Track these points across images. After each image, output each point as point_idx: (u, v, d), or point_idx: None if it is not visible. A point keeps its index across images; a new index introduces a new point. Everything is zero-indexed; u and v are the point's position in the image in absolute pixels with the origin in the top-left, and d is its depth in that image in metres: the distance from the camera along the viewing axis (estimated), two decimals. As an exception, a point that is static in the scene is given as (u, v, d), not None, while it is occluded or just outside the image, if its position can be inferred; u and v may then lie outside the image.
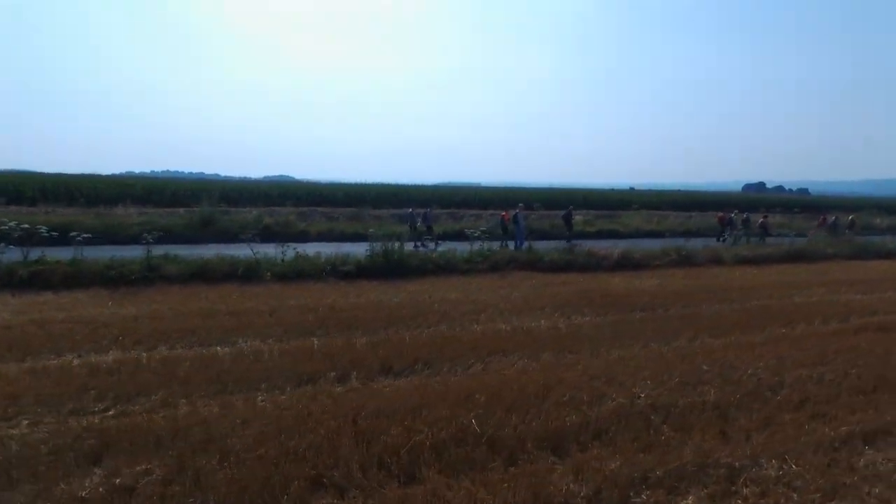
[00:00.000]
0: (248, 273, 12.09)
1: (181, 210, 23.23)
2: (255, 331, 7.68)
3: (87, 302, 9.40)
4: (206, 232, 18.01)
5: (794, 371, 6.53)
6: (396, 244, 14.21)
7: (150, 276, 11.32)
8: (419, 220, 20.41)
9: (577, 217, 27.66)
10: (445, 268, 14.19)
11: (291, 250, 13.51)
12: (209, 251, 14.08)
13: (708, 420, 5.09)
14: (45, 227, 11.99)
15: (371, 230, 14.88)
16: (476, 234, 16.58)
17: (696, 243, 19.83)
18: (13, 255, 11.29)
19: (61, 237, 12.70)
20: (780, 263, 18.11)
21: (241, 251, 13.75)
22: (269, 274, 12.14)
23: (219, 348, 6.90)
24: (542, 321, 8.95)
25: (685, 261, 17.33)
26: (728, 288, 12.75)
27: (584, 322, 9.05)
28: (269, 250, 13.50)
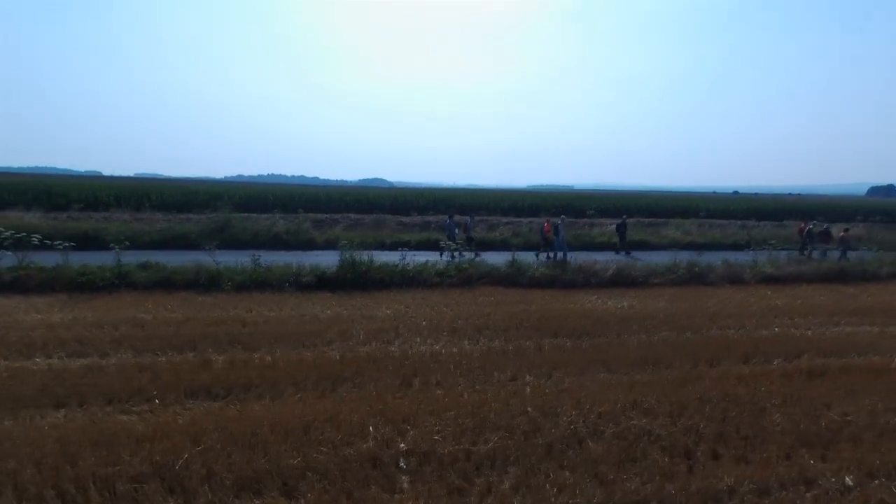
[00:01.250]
0: (210, 282, 12.66)
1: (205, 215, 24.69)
2: (131, 343, 8.02)
3: (37, 307, 10.28)
4: (221, 238, 19.03)
5: (630, 421, 5.82)
6: (367, 256, 14.27)
7: (116, 283, 12.20)
8: (457, 229, 20.12)
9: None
10: (416, 280, 14.07)
11: (255, 260, 13.88)
12: (204, 258, 14.67)
13: (448, 477, 4.67)
14: (37, 236, 13.22)
15: (343, 242, 14.95)
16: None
17: (743, 257, 18.24)
18: (9, 261, 12.64)
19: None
20: (813, 284, 16.16)
21: (241, 258, 14.27)
22: (229, 283, 12.65)
23: (71, 360, 7.28)
24: (439, 345, 8.63)
25: (695, 278, 15.96)
26: (701, 313, 11.56)
27: (481, 348, 8.59)
28: (276, 258, 14.01)
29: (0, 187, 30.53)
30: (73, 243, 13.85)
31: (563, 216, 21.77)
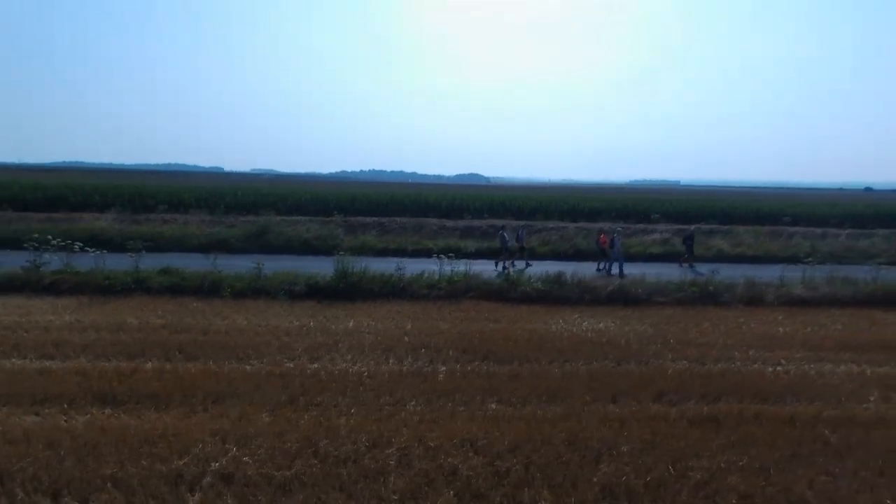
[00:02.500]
0: (211, 289, 13.97)
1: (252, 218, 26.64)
2: (98, 348, 9.23)
3: (56, 308, 12.01)
4: (259, 243, 20.66)
5: (448, 458, 5.92)
6: (362, 265, 14.98)
7: (133, 287, 13.84)
8: (510, 238, 20.40)
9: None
10: (406, 291, 14.55)
11: (258, 267, 14.97)
12: (245, 263, 16.02)
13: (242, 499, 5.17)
14: (79, 243, 15.22)
15: (340, 252, 15.77)
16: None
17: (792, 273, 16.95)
18: (56, 264, 14.71)
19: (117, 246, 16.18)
20: (848, 308, 14.65)
21: (282, 263, 15.59)
22: (228, 291, 13.89)
23: (27, 362, 8.56)
24: (359, 364, 9.07)
25: (707, 298, 15.07)
26: (667, 340, 11.04)
27: (399, 369, 8.93)
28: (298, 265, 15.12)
29: (100, 190, 34.88)
30: (104, 249, 15.66)
31: (619, 227, 21.46)
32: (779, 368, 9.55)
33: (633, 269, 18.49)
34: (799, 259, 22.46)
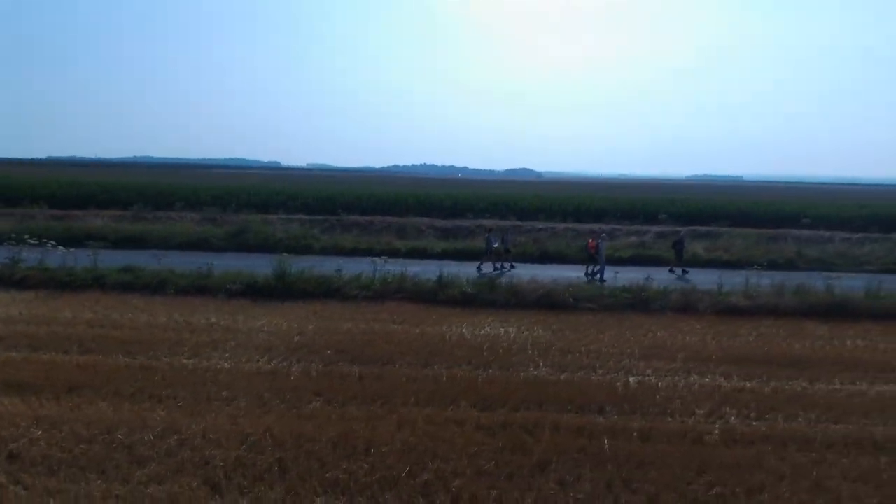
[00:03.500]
0: (159, 286, 15.20)
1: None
2: (9, 340, 10.51)
3: (15, 301, 13.51)
4: (237, 242, 21.93)
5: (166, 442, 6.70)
6: (300, 267, 15.87)
7: (90, 284, 15.25)
8: (496, 241, 20.82)
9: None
10: (338, 292, 15.33)
11: (208, 266, 16.10)
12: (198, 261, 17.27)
13: None
14: (53, 241, 16.82)
15: (311, 251, 16.70)
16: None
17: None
18: (34, 260, 16.35)
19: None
20: (784, 318, 14.33)
21: (250, 262, 16.86)
22: (173, 289, 15.09)
23: None
24: (211, 361, 9.86)
25: (640, 305, 15.08)
26: (550, 347, 11.32)
27: (246, 368, 9.68)
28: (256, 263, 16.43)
29: (126, 188, 37.45)
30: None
31: (604, 233, 21.65)
32: (632, 379, 9.71)
33: (629, 274, 18.01)
34: (778, 265, 21.93)
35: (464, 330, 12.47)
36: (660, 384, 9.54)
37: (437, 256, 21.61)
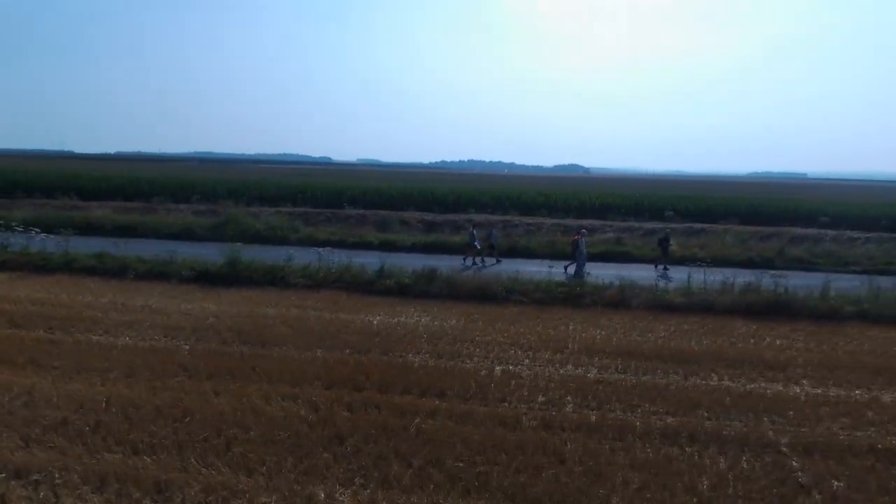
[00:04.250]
0: (120, 270, 16.38)
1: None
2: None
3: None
4: (219, 233, 23.07)
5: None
6: (250, 255, 16.75)
7: (62, 267, 16.59)
8: (478, 237, 21.16)
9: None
10: (283, 280, 16.08)
11: (171, 254, 17.19)
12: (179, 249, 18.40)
13: None
14: (36, 228, 18.34)
15: (287, 242, 17.58)
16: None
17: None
18: (19, 245, 17.91)
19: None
20: (720, 315, 14.10)
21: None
22: (133, 273, 16.24)
23: None
24: (135, 340, 10.78)
25: (572, 299, 15.16)
26: (441, 336, 11.67)
27: (146, 345, 10.53)
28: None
29: (151, 182, 39.68)
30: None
31: (583, 231, 21.80)
32: (499, 368, 9.95)
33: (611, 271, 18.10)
34: (755, 263, 21.33)
35: (378, 318, 12.95)
36: (523, 373, 9.76)
37: (408, 249, 22.11)
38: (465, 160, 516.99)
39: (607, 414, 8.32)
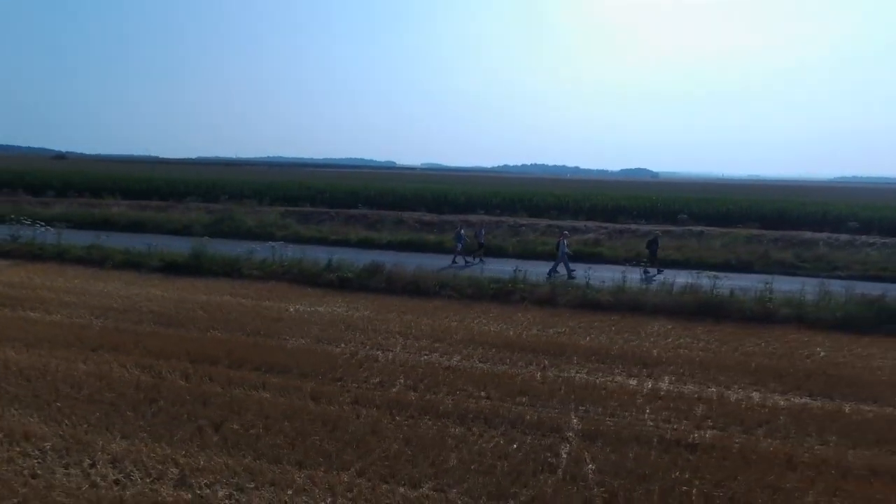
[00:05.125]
0: (100, 260, 18.15)
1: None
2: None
3: (-17, 267, 17.09)
4: (214, 230, 24.76)
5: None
6: (220, 247, 18.11)
7: (53, 256, 18.58)
8: (464, 236, 21.50)
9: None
10: (238, 272, 17.30)
11: (150, 246, 18.86)
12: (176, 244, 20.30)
13: None
14: (41, 222, 20.54)
15: (273, 238, 18.97)
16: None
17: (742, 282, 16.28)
18: (27, 237, 20.16)
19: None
20: (628, 314, 14.03)
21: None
22: (110, 263, 17.97)
23: None
24: (55, 317, 12.22)
25: (500, 296, 15.46)
26: (331, 325, 12.40)
27: (61, 321, 11.88)
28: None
29: (185, 183, 42.64)
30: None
31: (565, 232, 21.97)
32: (363, 352, 10.58)
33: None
34: (731, 265, 20.71)
35: (297, 307, 13.86)
36: (381, 358, 10.33)
37: (383, 247, 22.94)
38: (528, 164, 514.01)
39: (426, 395, 8.78)
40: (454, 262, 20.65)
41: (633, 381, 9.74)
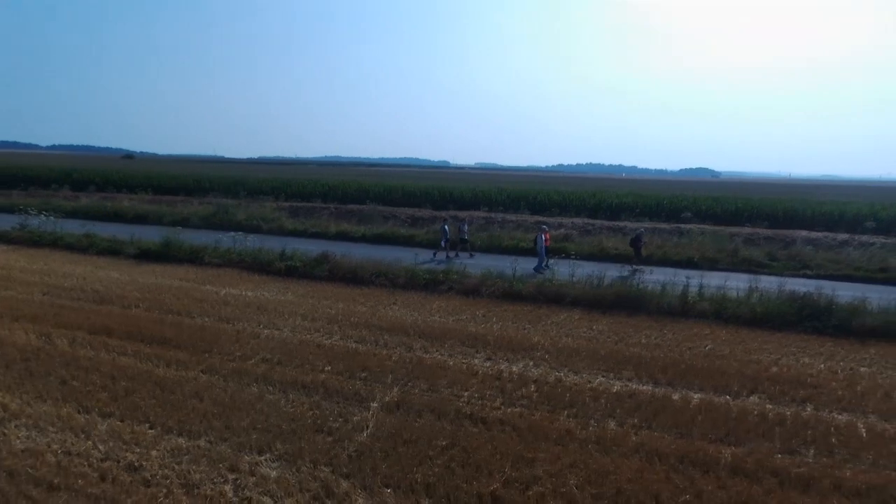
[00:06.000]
0: (81, 247, 19.93)
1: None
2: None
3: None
4: (210, 222, 26.47)
5: None
6: (182, 238, 19.54)
7: (51, 242, 20.54)
8: (450, 231, 21.98)
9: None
10: (199, 260, 18.61)
11: (133, 236, 20.52)
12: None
13: None
14: (46, 212, 22.64)
15: (260, 230, 20.39)
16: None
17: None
18: (33, 226, 22.32)
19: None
20: (527, 303, 14.29)
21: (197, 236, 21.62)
22: (95, 249, 19.72)
23: None
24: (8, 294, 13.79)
25: (430, 285, 16.03)
26: (242, 306, 13.35)
27: (9, 297, 13.38)
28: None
29: (211, 180, 45.11)
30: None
31: (543, 227, 22.18)
32: (249, 329, 11.47)
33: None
34: (694, 263, 20.40)
35: (228, 290, 14.92)
36: (263, 335, 11.17)
37: (356, 240, 23.89)
38: (584, 164, 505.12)
39: (275, 367, 9.52)
40: (435, 255, 20.97)
41: (486, 363, 10.13)
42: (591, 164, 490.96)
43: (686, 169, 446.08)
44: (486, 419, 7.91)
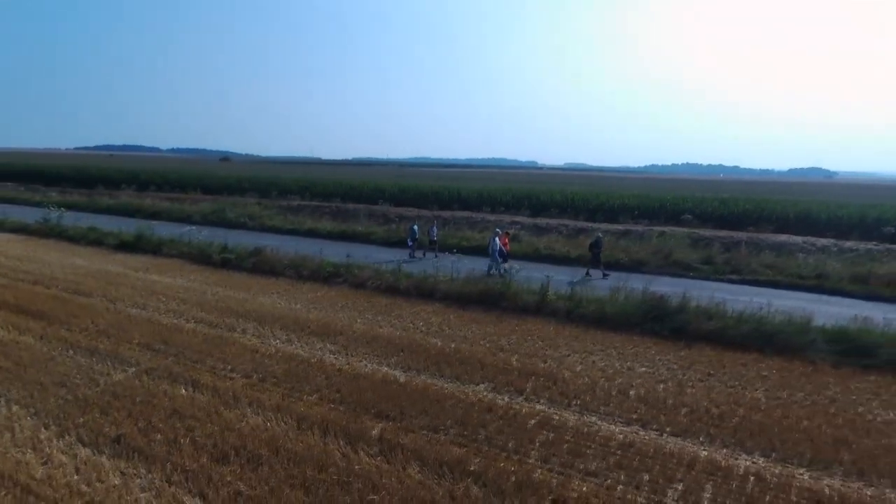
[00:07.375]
0: (76, 238, 23.28)
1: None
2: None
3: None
4: (209, 219, 29.45)
5: None
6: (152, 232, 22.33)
7: (58, 234, 24.15)
8: (418, 233, 22.96)
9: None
10: (162, 250, 21.27)
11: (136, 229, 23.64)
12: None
13: None
14: (62, 207, 26.43)
15: (246, 227, 23.16)
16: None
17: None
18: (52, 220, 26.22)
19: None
20: (386, 297, 15.28)
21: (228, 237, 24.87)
22: (84, 241, 23.02)
23: None
24: (-18, 273, 16.89)
25: (348, 282, 17.48)
26: (171, 295, 15.48)
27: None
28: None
29: (250, 180, 49.11)
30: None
31: (497, 230, 23.04)
32: (135, 312, 13.52)
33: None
34: (621, 264, 20.34)
35: (153, 277, 17.23)
36: (142, 317, 13.07)
37: (323, 236, 25.74)
38: (679, 164, 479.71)
39: (102, 339, 11.37)
40: (411, 256, 22.01)
41: (276, 342, 11.45)
42: (687, 163, 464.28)
43: (795, 169, 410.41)
44: (200, 383, 9.27)
